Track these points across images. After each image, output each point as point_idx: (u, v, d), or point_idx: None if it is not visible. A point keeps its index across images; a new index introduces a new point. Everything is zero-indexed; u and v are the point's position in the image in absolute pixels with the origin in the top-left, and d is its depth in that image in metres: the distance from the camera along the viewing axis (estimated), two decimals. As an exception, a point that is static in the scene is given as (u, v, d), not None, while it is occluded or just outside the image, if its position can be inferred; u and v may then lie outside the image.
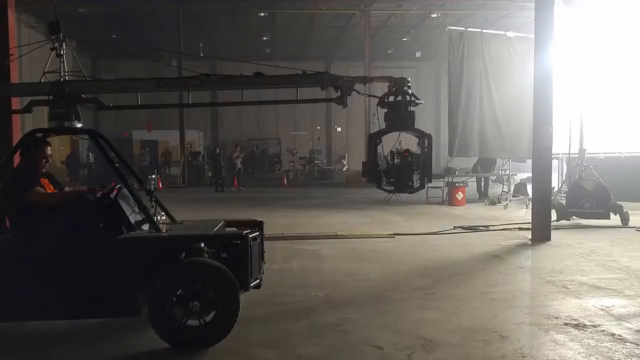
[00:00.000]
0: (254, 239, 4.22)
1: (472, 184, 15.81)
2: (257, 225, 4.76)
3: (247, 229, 4.42)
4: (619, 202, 9.92)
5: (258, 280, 4.35)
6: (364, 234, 9.25)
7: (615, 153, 12.46)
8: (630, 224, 9.59)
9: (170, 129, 26.86)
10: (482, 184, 16.18)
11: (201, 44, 24.20)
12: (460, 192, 14.02)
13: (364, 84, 4.54)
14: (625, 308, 4.69)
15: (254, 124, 33.14)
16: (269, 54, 29.44)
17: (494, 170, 16.33)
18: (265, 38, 28.80)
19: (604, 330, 4.11)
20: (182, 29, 22.95)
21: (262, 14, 24.42)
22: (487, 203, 14.24)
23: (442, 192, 14.52)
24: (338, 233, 9.18)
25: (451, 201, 13.99)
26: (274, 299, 5.19)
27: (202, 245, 4.05)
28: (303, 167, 28.17)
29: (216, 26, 25.60)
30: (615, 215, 9.73)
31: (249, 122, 32.71)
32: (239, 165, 20.84)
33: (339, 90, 4.46)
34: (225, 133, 32.46)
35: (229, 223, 4.85)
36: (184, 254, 4.07)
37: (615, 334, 4.04)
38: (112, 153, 4.52)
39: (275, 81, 4.55)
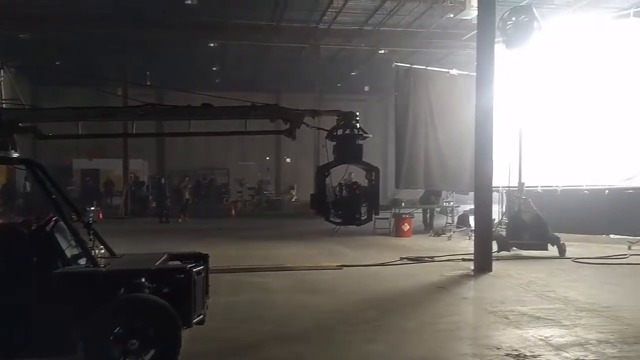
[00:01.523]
0: (198, 272, 4.12)
1: (418, 215, 16.11)
2: (202, 258, 4.65)
3: (191, 262, 4.31)
4: (556, 234, 10.32)
5: (202, 316, 4.23)
6: (312, 266, 9.20)
7: (552, 186, 13.04)
8: (567, 255, 9.97)
9: (113, 157, 26.13)
10: (428, 215, 16.54)
11: (148, 73, 23.89)
12: (406, 224, 14.26)
13: (313, 117, 4.59)
14: (563, 338, 4.84)
15: (202, 153, 32.66)
16: (219, 84, 29.37)
17: (439, 202, 16.73)
18: (215, 68, 28.78)
19: (544, 360, 4.22)
20: (129, 56, 22.61)
21: (212, 45, 24.45)
22: (432, 234, 14.54)
23: (389, 224, 14.71)
24: (286, 265, 9.10)
25: (398, 232, 14.18)
26: (219, 334, 5.05)
27: (143, 280, 3.91)
28: (252, 197, 27.96)
29: (164, 55, 25.39)
30: (553, 246, 10.11)
31: (197, 152, 32.22)
32: (187, 196, 20.45)
33: (288, 123, 4.49)
34: (171, 162, 31.86)
35: (172, 256, 4.71)
36: (123, 289, 3.91)
37: (554, 363, 4.16)
38: (50, 183, 4.33)
39: (223, 113, 4.50)
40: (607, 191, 12.49)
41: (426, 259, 9.87)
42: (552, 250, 10.07)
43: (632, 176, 12.31)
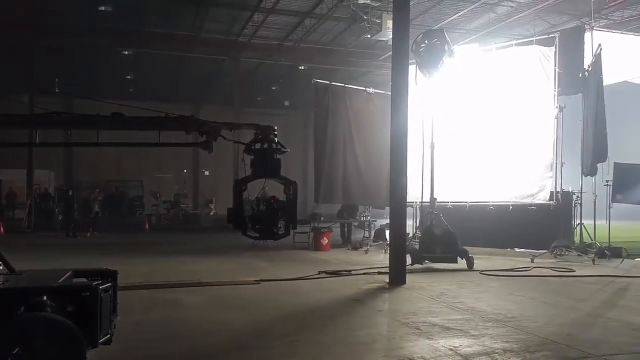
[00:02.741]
0: (105, 290, 3.91)
1: (336, 229, 16.32)
2: (110, 275, 4.42)
3: (97, 279, 4.08)
4: (465, 247, 10.82)
5: (108, 336, 4.01)
6: (229, 281, 9.03)
7: (461, 202, 13.70)
8: (475, 267, 10.47)
9: (16, 167, 24.36)
10: (346, 229, 16.81)
11: (57, 79, 22.63)
12: (325, 238, 14.40)
13: (231, 130, 4.53)
14: (471, 347, 5.05)
15: (114, 164, 31.16)
16: (133, 93, 28.35)
17: (356, 217, 17.07)
18: (129, 77, 27.79)
19: (453, 370, 4.38)
20: (37, 63, 21.29)
21: (126, 52, 23.62)
22: (350, 248, 14.79)
23: (308, 238, 14.78)
24: (202, 280, 8.86)
25: (317, 246, 14.29)
26: (129, 354, 4.80)
27: (44, 298, 3.65)
28: (167, 211, 27.09)
29: (75, 62, 24.18)
30: (462, 259, 10.59)
31: (108, 162, 30.67)
32: (96, 209, 19.45)
33: (205, 135, 4.40)
34: (80, 173, 30.20)
35: (77, 273, 4.44)
36: (22, 308, 3.63)
37: (462, 372, 4.32)
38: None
39: (134, 123, 4.32)
40: (511, 207, 13.32)
41: (344, 272, 10.00)
42: (462, 263, 10.54)
43: (535, 193, 13.24)
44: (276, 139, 4.45)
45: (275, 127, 4.44)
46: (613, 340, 5.33)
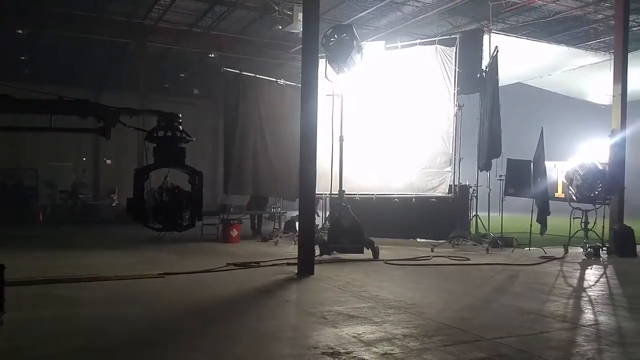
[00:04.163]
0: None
1: (246, 221, 16.18)
2: (-5, 270, 4.08)
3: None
4: (371, 238, 11.15)
5: (-8, 335, 3.70)
6: (131, 275, 8.65)
7: (368, 194, 14.11)
8: (380, 257, 10.83)
9: None
10: (256, 221, 16.71)
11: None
12: (234, 229, 14.22)
13: (131, 116, 4.32)
14: (374, 334, 5.22)
15: (4, 151, 28.66)
16: (28, 75, 26.26)
17: (267, 208, 17.02)
18: (23, 58, 25.73)
19: (355, 357, 4.50)
20: None
21: (21, 32, 21.84)
22: (260, 240, 14.73)
23: (217, 229, 14.53)
24: (101, 275, 8.42)
25: (226, 238, 14.08)
26: (19, 354, 4.46)
27: None
28: (64, 201, 25.42)
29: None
30: (368, 249, 10.91)
31: (-3, 149, 28.24)
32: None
33: (102, 121, 4.16)
34: (-37, 161, 27.54)
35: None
36: None
37: (364, 358, 4.45)
38: None
39: (24, 106, 3.99)
40: (414, 199, 13.92)
41: (252, 264, 9.94)
42: (368, 253, 10.86)
43: (436, 186, 13.92)
44: (181, 126, 4.31)
45: (180, 115, 4.30)
46: (504, 324, 5.73)
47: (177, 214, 4.31)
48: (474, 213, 14.34)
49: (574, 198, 12.30)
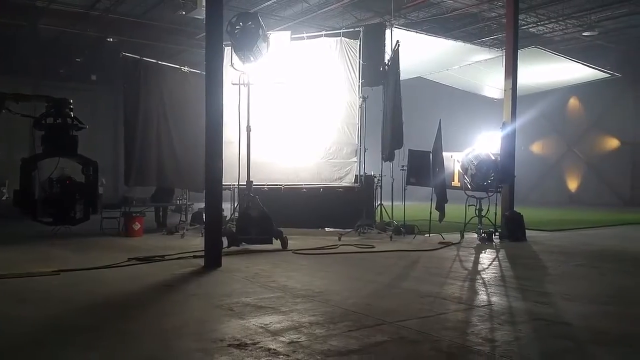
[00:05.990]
0: None
1: (150, 213, 15.58)
2: None
3: None
4: (279, 229, 11.17)
5: None
6: (22, 273, 8.02)
7: (276, 185, 14.11)
8: (289, 247, 10.89)
9: None
10: (161, 213, 16.14)
11: None
12: (137, 223, 13.62)
13: (17, 102, 3.98)
14: (281, 323, 5.24)
15: None
16: None
17: (173, 200, 16.48)
18: None
19: (262, 347, 4.49)
20: None
21: None
22: (165, 233, 14.26)
23: (119, 223, 13.86)
24: (-14, 275, 7.73)
25: (128, 232, 13.46)
26: None
27: None
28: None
29: None
30: (277, 240, 10.93)
31: None
32: None
33: (-19, 106, 3.80)
34: None
35: None
36: None
37: (271, 348, 4.46)
38: None
39: None
40: (321, 189, 14.12)
41: (156, 258, 9.58)
42: (277, 243, 10.87)
43: (342, 176, 14.19)
44: (72, 113, 4.04)
45: (71, 100, 4.03)
46: (405, 308, 5.98)
47: (69, 206, 4.04)
48: (379, 202, 14.82)
49: (469, 187, 13.10)
